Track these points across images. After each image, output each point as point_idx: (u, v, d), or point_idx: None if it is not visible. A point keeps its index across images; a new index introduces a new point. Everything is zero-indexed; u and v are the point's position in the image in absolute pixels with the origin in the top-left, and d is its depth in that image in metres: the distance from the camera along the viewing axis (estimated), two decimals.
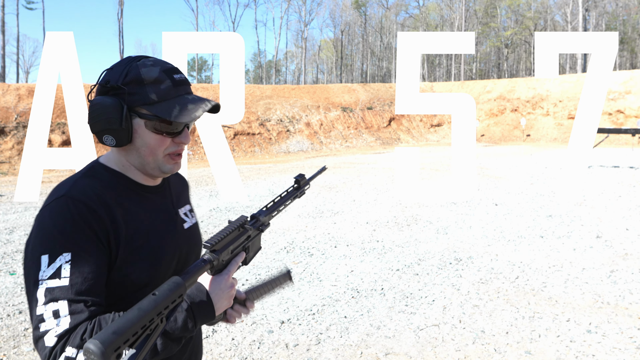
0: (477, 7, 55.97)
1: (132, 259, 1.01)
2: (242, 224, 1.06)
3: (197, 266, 0.91)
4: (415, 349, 3.23)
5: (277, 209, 1.23)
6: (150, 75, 1.00)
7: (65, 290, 0.89)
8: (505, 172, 12.85)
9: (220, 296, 1.00)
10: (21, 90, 17.89)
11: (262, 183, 11.44)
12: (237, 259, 1.05)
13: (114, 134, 1.01)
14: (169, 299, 0.80)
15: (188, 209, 1.25)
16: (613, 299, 4.05)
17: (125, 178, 1.08)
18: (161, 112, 1.00)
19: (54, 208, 0.98)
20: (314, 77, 68.50)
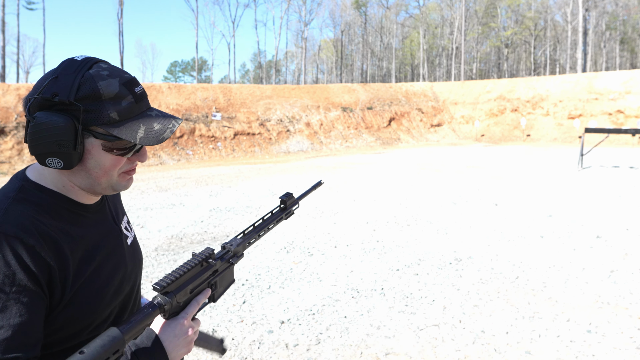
0: (477, 7, 55.96)
1: (81, 293, 0.88)
2: (204, 259, 0.94)
3: (141, 314, 0.80)
4: (415, 349, 3.23)
5: (256, 235, 1.11)
6: (109, 89, 0.86)
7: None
8: (505, 172, 12.85)
9: (175, 343, 0.88)
10: (21, 90, 17.89)
11: (262, 183, 11.44)
12: (198, 298, 0.94)
13: (63, 157, 0.85)
14: (100, 357, 0.69)
15: (126, 220, 1.13)
16: (613, 299, 4.05)
17: (64, 199, 0.93)
18: (124, 133, 0.87)
19: None
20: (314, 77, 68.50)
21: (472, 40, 56.31)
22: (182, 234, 6.51)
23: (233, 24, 52.32)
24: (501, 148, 22.63)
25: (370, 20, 62.56)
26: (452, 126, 31.11)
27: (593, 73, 29.03)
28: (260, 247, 5.81)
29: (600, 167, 13.74)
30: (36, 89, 0.86)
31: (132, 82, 0.90)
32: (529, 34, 56.02)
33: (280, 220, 1.21)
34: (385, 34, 62.39)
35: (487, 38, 58.70)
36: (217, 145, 20.81)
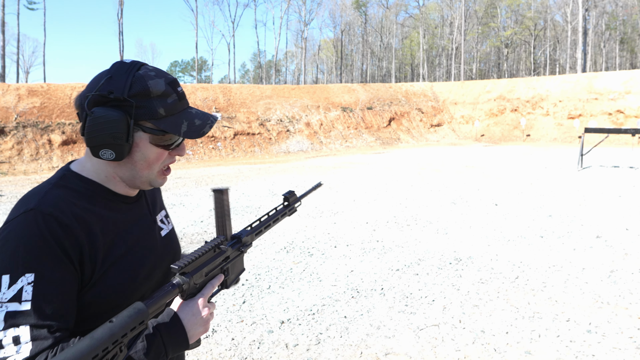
0: (477, 7, 55.96)
1: (110, 273, 0.95)
2: (217, 245, 1.01)
3: (163, 290, 0.86)
4: (415, 349, 3.23)
5: (262, 228, 1.18)
6: (157, 88, 0.96)
7: (27, 314, 0.82)
8: (505, 172, 12.85)
9: (193, 322, 0.94)
10: (21, 90, 17.89)
11: (262, 183, 11.44)
12: (213, 281, 1.00)
13: (116, 148, 0.94)
14: (127, 326, 0.75)
15: (164, 214, 1.21)
16: (613, 299, 4.05)
17: (102, 188, 1.01)
18: (169, 127, 0.96)
19: (21, 223, 0.88)
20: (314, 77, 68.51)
21: (472, 40, 56.31)
22: (182, 233, 6.51)
23: (233, 24, 52.33)
24: (501, 148, 22.63)
25: (370, 20, 62.57)
26: (452, 126, 31.11)
27: (593, 73, 29.03)
28: (260, 247, 5.81)
29: (600, 167, 13.74)
30: (92, 87, 0.95)
31: (175, 82, 1.01)
32: (529, 34, 56.02)
33: (284, 216, 1.28)
34: (385, 34, 62.38)
35: (487, 38, 58.70)
36: (217, 145, 20.81)
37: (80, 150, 17.09)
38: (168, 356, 0.91)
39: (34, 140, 16.41)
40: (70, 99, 18.66)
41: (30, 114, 17.13)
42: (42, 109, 17.53)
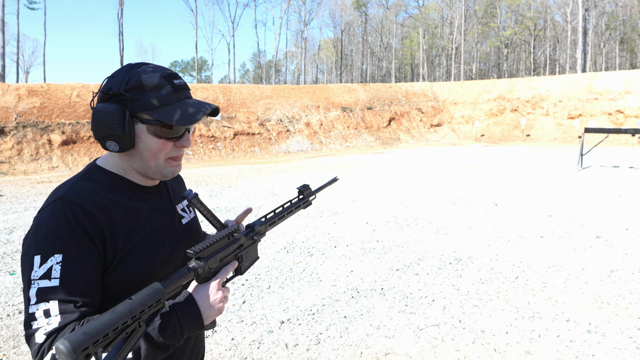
0: (477, 7, 55.95)
1: (131, 256, 1.03)
2: (231, 233, 1.06)
3: (179, 273, 0.92)
4: (415, 349, 3.23)
5: (276, 219, 1.23)
6: (151, 81, 1.02)
7: (55, 290, 0.91)
8: (505, 172, 12.85)
9: (207, 303, 0.99)
10: (21, 90, 17.88)
11: (262, 183, 11.44)
12: (227, 267, 1.05)
13: (117, 139, 1.02)
14: (145, 303, 0.81)
15: (185, 204, 1.27)
16: (613, 299, 4.05)
17: (124, 180, 1.10)
18: (163, 116, 1.02)
19: (51, 210, 0.99)
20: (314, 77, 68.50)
21: (472, 40, 56.30)
22: None
23: (233, 24, 52.32)
24: (501, 148, 22.63)
25: (370, 20, 62.55)
26: (452, 126, 31.10)
27: (593, 73, 29.03)
28: (260, 247, 5.81)
29: (600, 167, 13.74)
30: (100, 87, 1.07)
31: (172, 76, 1.07)
32: (529, 34, 56.01)
33: (299, 209, 1.33)
34: (385, 34, 62.37)
35: (487, 38, 58.69)
36: (216, 145, 20.80)
37: (80, 150, 17.09)
38: (184, 335, 0.97)
39: (33, 140, 16.40)
40: (70, 99, 18.66)
41: (30, 114, 17.12)
42: (42, 109, 17.52)
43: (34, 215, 7.82)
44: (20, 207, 8.58)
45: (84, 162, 16.65)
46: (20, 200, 9.49)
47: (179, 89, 1.06)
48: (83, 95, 19.10)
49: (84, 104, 18.69)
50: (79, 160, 16.69)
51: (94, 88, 19.84)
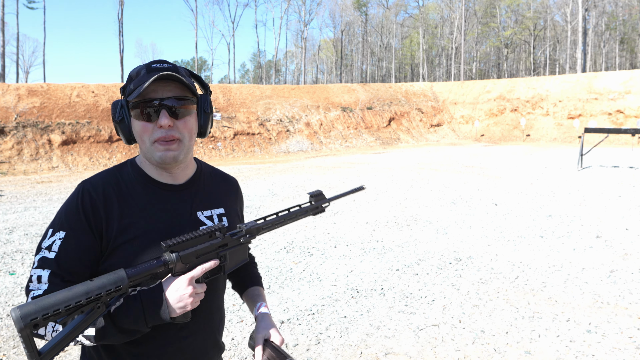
0: (477, 7, 55.95)
1: (121, 250, 1.07)
2: (212, 231, 1.05)
3: (148, 264, 0.96)
4: (415, 349, 3.23)
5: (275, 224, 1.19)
6: (135, 71, 1.12)
7: (51, 262, 1.03)
8: (505, 172, 12.85)
9: (174, 295, 0.99)
10: (21, 90, 17.88)
11: (262, 183, 11.44)
12: (205, 264, 1.04)
13: (119, 129, 1.13)
14: (103, 286, 0.86)
15: (219, 212, 1.24)
16: (613, 299, 4.05)
17: (142, 174, 1.16)
18: (131, 96, 1.08)
19: (73, 192, 1.12)
20: (314, 77, 68.50)
21: (472, 40, 56.29)
22: None
23: (233, 24, 52.32)
24: (501, 148, 22.63)
25: (370, 20, 62.55)
26: (452, 126, 31.10)
27: (593, 73, 29.03)
28: (260, 247, 5.81)
29: (600, 167, 13.74)
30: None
31: (153, 61, 1.12)
32: (529, 34, 56.01)
33: (307, 215, 1.28)
34: (385, 34, 62.37)
35: (487, 38, 58.69)
36: (216, 145, 20.80)
37: (80, 150, 17.10)
38: (148, 322, 0.99)
39: (33, 140, 16.40)
40: (70, 99, 18.66)
41: (30, 114, 17.12)
42: (42, 109, 17.52)
43: (34, 215, 7.82)
44: (20, 207, 8.57)
45: (84, 162, 16.66)
46: (20, 200, 9.49)
47: (152, 70, 1.09)
48: (83, 95, 19.10)
49: (83, 104, 18.69)
50: (79, 160, 16.69)
51: (94, 88, 19.84)
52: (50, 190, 10.83)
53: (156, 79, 1.06)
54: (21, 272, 4.91)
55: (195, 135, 1.18)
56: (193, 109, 1.15)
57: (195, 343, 1.18)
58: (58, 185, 11.98)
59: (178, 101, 1.10)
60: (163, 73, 1.06)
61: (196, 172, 1.25)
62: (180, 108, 1.10)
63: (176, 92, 1.10)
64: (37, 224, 7.17)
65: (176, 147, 1.11)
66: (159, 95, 1.08)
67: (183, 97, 1.11)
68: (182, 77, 1.09)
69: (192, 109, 1.14)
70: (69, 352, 3.22)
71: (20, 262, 5.26)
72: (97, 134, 17.93)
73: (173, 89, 1.10)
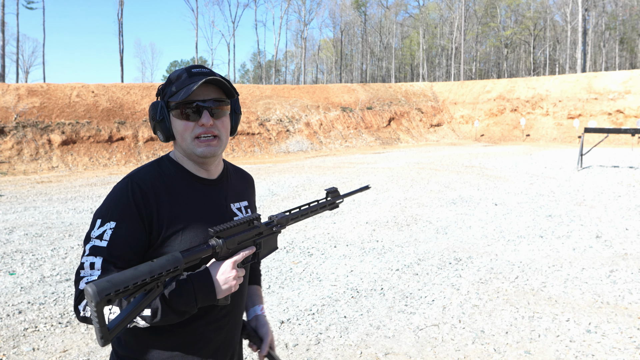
0: (477, 7, 55.94)
1: (172, 240, 1.16)
2: (251, 220, 1.16)
3: (199, 247, 1.05)
4: (415, 348, 3.23)
5: (298, 216, 1.33)
6: (175, 75, 1.22)
7: (103, 250, 1.10)
8: (505, 172, 12.85)
9: (221, 278, 1.09)
10: (21, 90, 17.88)
11: (262, 183, 11.44)
12: (245, 251, 1.14)
13: (159, 128, 1.23)
14: (164, 267, 0.94)
15: (244, 204, 1.38)
16: (613, 298, 4.05)
17: (182, 169, 1.25)
18: (175, 98, 1.18)
19: (119, 185, 1.18)
20: (314, 77, 68.48)
21: (472, 40, 56.29)
22: None
23: (233, 24, 52.30)
24: (501, 148, 22.62)
25: (370, 20, 62.54)
26: (452, 126, 31.10)
27: (592, 73, 29.03)
28: None
29: (599, 167, 13.74)
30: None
31: (193, 66, 1.22)
32: (529, 34, 56.01)
33: (324, 209, 1.43)
34: (384, 34, 62.36)
35: (487, 38, 58.69)
36: None
37: (80, 150, 17.10)
38: (197, 303, 1.07)
39: (33, 140, 16.40)
40: (70, 99, 18.65)
41: (30, 114, 17.11)
42: (41, 109, 17.52)
43: (34, 215, 7.82)
44: (20, 207, 8.57)
45: (84, 162, 16.66)
46: (20, 200, 9.49)
47: (193, 75, 1.19)
48: (83, 95, 19.10)
49: (83, 104, 18.69)
50: (79, 160, 16.68)
51: (94, 88, 19.84)
52: (50, 190, 10.83)
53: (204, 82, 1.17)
54: (21, 272, 4.91)
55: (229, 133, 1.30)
56: (228, 110, 1.28)
57: (230, 322, 1.31)
58: (58, 185, 11.98)
59: (217, 103, 1.22)
60: (210, 78, 1.18)
61: (224, 169, 1.38)
62: (218, 109, 1.23)
63: (215, 94, 1.22)
64: (37, 224, 7.17)
65: (216, 144, 1.23)
66: (201, 97, 1.19)
67: (221, 99, 1.23)
68: (224, 82, 1.22)
69: (227, 110, 1.27)
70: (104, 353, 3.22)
71: (20, 262, 5.26)
72: (97, 134, 17.93)
73: (212, 92, 1.22)
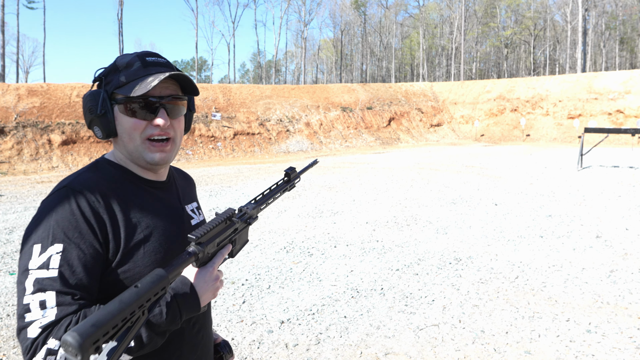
0: (477, 7, 55.94)
1: (135, 252, 1.00)
2: (229, 217, 1.05)
3: (181, 259, 0.89)
4: (415, 348, 3.23)
5: (266, 202, 1.22)
6: (123, 61, 1.04)
7: (53, 281, 0.88)
8: (505, 172, 12.85)
9: (205, 288, 0.99)
10: (21, 90, 17.88)
11: (262, 183, 11.44)
12: (223, 251, 1.04)
13: (98, 123, 1.03)
14: (151, 291, 0.79)
15: (195, 206, 1.26)
16: (613, 298, 4.05)
17: (127, 172, 1.08)
18: (126, 91, 1.00)
19: (55, 199, 0.97)
20: (314, 77, 68.49)
21: (472, 40, 56.29)
22: None
23: (233, 24, 52.31)
24: (501, 148, 22.62)
25: (370, 20, 62.54)
26: (452, 126, 31.10)
27: (593, 73, 29.03)
28: (260, 247, 5.81)
29: (600, 167, 13.74)
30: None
31: (147, 54, 1.06)
32: (529, 34, 56.01)
33: (285, 191, 1.33)
34: (384, 34, 62.36)
35: (487, 38, 58.69)
36: (216, 145, 20.80)
37: (80, 150, 17.10)
38: (182, 319, 0.96)
39: (33, 140, 16.40)
40: (70, 99, 18.65)
41: (30, 114, 17.12)
42: (42, 109, 17.52)
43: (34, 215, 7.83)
44: (20, 207, 8.57)
45: (84, 162, 16.65)
46: (20, 200, 9.49)
47: (149, 64, 1.03)
48: (83, 95, 19.11)
49: None
50: (79, 160, 16.68)
51: None
52: (50, 190, 10.83)
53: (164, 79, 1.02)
54: None
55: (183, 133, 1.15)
56: (185, 107, 1.12)
57: (204, 338, 1.19)
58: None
59: (175, 99, 1.06)
60: (173, 74, 1.02)
61: (170, 169, 1.23)
62: (176, 106, 1.07)
63: (173, 90, 1.06)
64: None
65: (169, 149, 1.08)
66: (157, 93, 1.03)
67: (179, 96, 1.07)
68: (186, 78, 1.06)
69: (184, 107, 1.11)
70: None
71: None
72: None
73: (170, 87, 1.06)
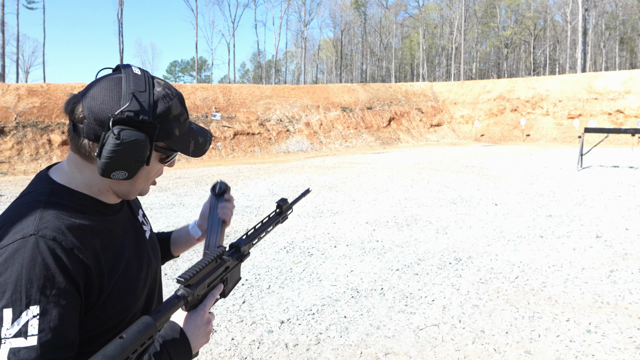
0: (476, 7, 55.95)
1: (117, 291, 0.92)
2: (219, 255, 1.00)
3: (169, 304, 0.83)
4: (415, 348, 3.23)
5: (257, 237, 1.19)
6: (176, 109, 0.94)
7: (33, 350, 0.76)
8: (505, 172, 12.85)
9: (197, 334, 0.93)
10: (21, 90, 17.88)
11: (262, 183, 11.44)
12: (214, 292, 0.98)
13: (131, 170, 0.90)
14: (138, 341, 0.73)
15: (141, 214, 1.16)
16: (613, 298, 4.05)
17: (93, 200, 0.94)
18: (181, 146, 0.96)
19: (20, 250, 0.80)
20: (314, 77, 68.49)
21: (472, 40, 56.30)
22: None
23: (233, 24, 52.34)
24: (501, 148, 22.63)
25: (370, 20, 62.55)
26: (452, 126, 31.11)
27: (593, 73, 29.04)
28: (260, 247, 5.81)
29: (600, 166, 13.74)
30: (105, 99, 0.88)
31: (183, 99, 0.99)
32: (529, 34, 56.01)
33: (277, 224, 1.30)
34: (384, 34, 62.37)
35: (487, 38, 58.69)
36: (216, 145, 20.80)
37: None
38: None
39: (33, 140, 16.40)
40: None
41: (30, 114, 17.12)
42: (42, 109, 17.52)
43: None
44: None
45: None
46: None
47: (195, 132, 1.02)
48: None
49: None
50: None
51: None
52: None
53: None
54: None
55: None
56: None
57: None
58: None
59: None
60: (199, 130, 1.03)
61: None
62: None
63: None
64: None
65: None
66: None
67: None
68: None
69: None
70: None
71: None
72: None
73: None
